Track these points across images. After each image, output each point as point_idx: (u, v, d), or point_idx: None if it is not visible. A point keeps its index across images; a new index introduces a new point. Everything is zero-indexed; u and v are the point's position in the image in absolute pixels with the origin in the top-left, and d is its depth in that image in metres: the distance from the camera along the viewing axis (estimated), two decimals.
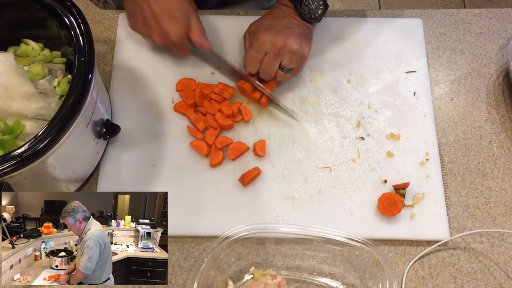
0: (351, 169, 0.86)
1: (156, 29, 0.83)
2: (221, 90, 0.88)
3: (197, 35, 0.85)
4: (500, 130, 0.91)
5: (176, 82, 0.91)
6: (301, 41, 0.84)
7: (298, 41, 0.83)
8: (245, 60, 0.86)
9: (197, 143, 0.86)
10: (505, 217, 0.85)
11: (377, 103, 0.92)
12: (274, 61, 0.84)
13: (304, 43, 0.84)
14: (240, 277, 0.80)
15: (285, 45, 0.82)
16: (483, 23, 1.00)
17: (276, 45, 0.82)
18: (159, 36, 0.84)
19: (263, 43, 0.83)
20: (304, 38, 0.85)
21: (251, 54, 0.84)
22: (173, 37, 0.83)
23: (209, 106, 0.88)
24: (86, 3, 1.01)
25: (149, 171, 0.85)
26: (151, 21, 0.83)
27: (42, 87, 0.76)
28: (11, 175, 0.64)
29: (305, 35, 0.86)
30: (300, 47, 0.83)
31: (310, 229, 0.79)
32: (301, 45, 0.83)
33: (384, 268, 0.76)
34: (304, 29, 0.86)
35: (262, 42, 0.83)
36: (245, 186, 0.84)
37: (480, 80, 0.95)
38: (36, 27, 0.79)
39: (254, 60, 0.85)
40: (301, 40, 0.84)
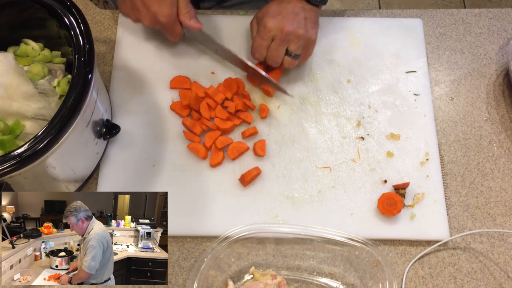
0: (351, 169, 0.86)
1: (144, 12, 0.83)
2: (214, 93, 0.88)
3: (185, 16, 0.84)
4: (500, 130, 0.91)
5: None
6: (307, 25, 0.84)
7: (304, 26, 0.83)
8: (252, 47, 0.86)
9: (194, 146, 0.86)
10: (505, 217, 0.85)
11: (377, 103, 0.92)
12: (280, 47, 0.84)
13: (310, 27, 0.85)
14: (240, 277, 0.80)
15: (292, 31, 0.82)
16: (483, 23, 1.00)
17: (282, 31, 0.82)
18: (147, 19, 0.83)
19: (270, 30, 0.83)
20: (310, 22, 0.85)
21: (258, 41, 0.85)
22: (162, 18, 0.82)
23: (205, 111, 0.87)
24: (86, 3, 1.01)
25: (149, 171, 0.85)
26: (139, 3, 0.82)
27: (42, 87, 0.76)
28: (11, 175, 0.64)
29: (312, 18, 0.86)
30: (306, 32, 0.84)
31: (310, 229, 0.79)
32: (307, 29, 0.84)
33: (384, 268, 0.76)
34: (311, 13, 0.86)
35: (268, 29, 0.83)
36: (245, 186, 0.84)
37: (480, 80, 0.95)
38: (36, 27, 0.79)
39: (261, 47, 0.85)
40: (307, 24, 0.84)
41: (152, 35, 0.96)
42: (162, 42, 0.95)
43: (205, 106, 0.88)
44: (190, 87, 0.90)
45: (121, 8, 0.87)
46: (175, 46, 0.95)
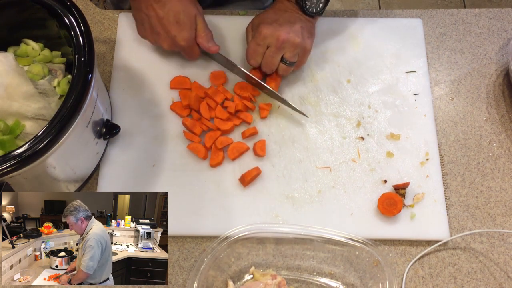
0: (351, 169, 0.86)
1: (164, 35, 0.84)
2: (213, 94, 0.88)
3: (203, 39, 0.86)
4: (500, 130, 0.91)
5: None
6: (303, 35, 0.84)
7: (300, 35, 0.84)
8: (247, 53, 0.87)
9: (194, 146, 0.86)
10: (505, 217, 0.85)
11: (377, 103, 0.92)
12: (276, 55, 0.84)
13: (306, 37, 0.85)
14: (240, 277, 0.80)
15: (287, 39, 0.83)
16: (483, 23, 1.00)
17: (278, 38, 0.82)
18: (167, 42, 0.85)
19: (266, 37, 0.83)
20: (306, 32, 0.85)
21: (253, 47, 0.85)
22: (181, 41, 0.84)
23: (205, 111, 0.87)
24: (86, 3, 1.01)
25: (149, 171, 0.85)
26: (158, 27, 0.84)
27: (42, 87, 0.76)
28: (11, 175, 0.64)
29: (308, 28, 0.86)
30: (302, 41, 0.84)
31: (310, 229, 0.79)
32: (303, 38, 0.84)
33: (384, 268, 0.76)
34: (306, 23, 0.87)
35: (264, 35, 0.83)
36: (245, 186, 0.84)
37: (480, 80, 0.95)
38: (36, 27, 0.79)
39: (256, 53, 0.85)
40: (303, 33, 0.84)
41: None
42: None
43: (205, 106, 0.88)
44: (190, 87, 0.90)
45: (140, 31, 0.88)
46: None
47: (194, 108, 0.88)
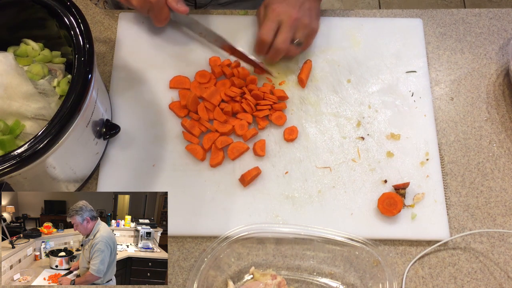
0: (351, 169, 0.86)
1: None
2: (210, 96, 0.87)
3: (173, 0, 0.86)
4: (500, 130, 0.91)
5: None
6: (311, 15, 0.87)
7: (308, 15, 0.87)
8: (261, 30, 0.87)
9: (193, 147, 0.85)
10: (505, 217, 0.85)
11: (377, 103, 0.92)
12: (289, 33, 0.86)
13: (314, 18, 0.88)
14: (240, 277, 0.80)
15: (299, 18, 0.85)
16: (483, 23, 1.00)
17: (291, 16, 0.85)
18: None
19: (279, 14, 0.86)
20: (314, 13, 0.88)
21: (267, 24, 0.87)
22: None
23: (203, 112, 0.87)
24: (86, 3, 1.01)
25: (149, 171, 0.85)
26: None
27: (42, 87, 0.76)
28: (11, 175, 0.64)
29: (315, 10, 0.89)
30: (311, 21, 0.87)
31: (310, 229, 0.79)
32: (311, 19, 0.87)
33: (384, 268, 0.76)
34: (314, 4, 0.89)
35: (278, 12, 0.86)
36: (245, 186, 0.84)
37: (480, 80, 0.95)
38: (36, 27, 0.79)
39: (270, 30, 0.87)
40: (311, 14, 0.87)
41: (152, 35, 0.96)
42: (162, 42, 0.95)
43: (203, 108, 0.87)
44: (190, 87, 0.90)
45: None
46: (175, 45, 0.95)
47: (191, 110, 0.88)
